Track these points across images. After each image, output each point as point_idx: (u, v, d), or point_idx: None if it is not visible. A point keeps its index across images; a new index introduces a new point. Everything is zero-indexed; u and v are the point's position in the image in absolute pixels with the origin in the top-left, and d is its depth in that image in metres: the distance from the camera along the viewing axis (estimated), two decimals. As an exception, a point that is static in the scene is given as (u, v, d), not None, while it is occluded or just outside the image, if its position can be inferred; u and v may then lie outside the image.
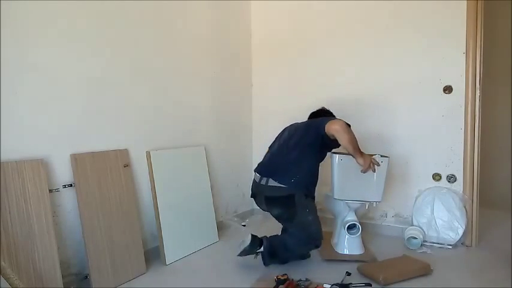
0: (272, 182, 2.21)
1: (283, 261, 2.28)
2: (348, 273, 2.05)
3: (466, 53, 2.56)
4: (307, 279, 2.01)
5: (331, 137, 2.13)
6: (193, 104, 2.87)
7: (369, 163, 2.21)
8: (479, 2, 2.51)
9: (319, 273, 2.16)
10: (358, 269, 2.16)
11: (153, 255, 2.39)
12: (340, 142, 2.13)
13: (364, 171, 2.24)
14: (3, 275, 1.53)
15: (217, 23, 3.11)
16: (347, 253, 2.43)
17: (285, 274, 2.02)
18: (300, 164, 2.22)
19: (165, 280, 2.16)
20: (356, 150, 2.17)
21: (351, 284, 1.95)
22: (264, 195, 2.28)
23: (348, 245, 2.44)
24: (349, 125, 2.14)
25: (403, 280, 2.05)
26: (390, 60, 2.84)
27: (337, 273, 2.09)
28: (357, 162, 2.20)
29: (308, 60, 3.22)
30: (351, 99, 3.01)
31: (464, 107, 2.60)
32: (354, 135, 2.14)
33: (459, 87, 2.60)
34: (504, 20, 3.65)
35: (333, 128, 2.10)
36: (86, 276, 1.98)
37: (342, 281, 1.98)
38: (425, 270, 2.15)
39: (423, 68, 2.73)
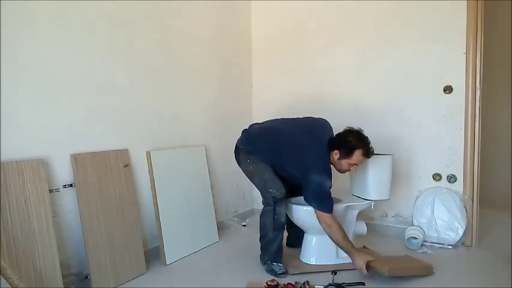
0: None
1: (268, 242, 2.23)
2: (334, 272, 2.05)
3: (466, 53, 2.55)
4: (307, 282, 1.98)
5: None
6: (193, 104, 2.87)
7: (362, 265, 2.03)
8: (479, 2, 2.51)
9: (307, 276, 2.08)
10: None
11: (153, 255, 2.39)
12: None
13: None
14: (3, 275, 1.53)
15: (217, 23, 3.11)
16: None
17: (274, 280, 1.99)
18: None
19: (165, 280, 2.16)
20: (347, 251, 2.10)
21: (344, 283, 1.96)
22: None
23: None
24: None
25: (406, 276, 2.07)
26: (390, 60, 2.84)
27: (325, 275, 2.08)
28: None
29: (308, 60, 3.22)
30: (351, 99, 3.00)
31: (464, 107, 2.59)
32: (340, 232, 2.07)
33: (459, 87, 2.60)
34: (504, 20, 3.65)
35: (322, 223, 2.09)
36: (86, 276, 1.98)
37: (333, 280, 1.99)
38: (427, 271, 2.15)
39: (423, 68, 2.72)
